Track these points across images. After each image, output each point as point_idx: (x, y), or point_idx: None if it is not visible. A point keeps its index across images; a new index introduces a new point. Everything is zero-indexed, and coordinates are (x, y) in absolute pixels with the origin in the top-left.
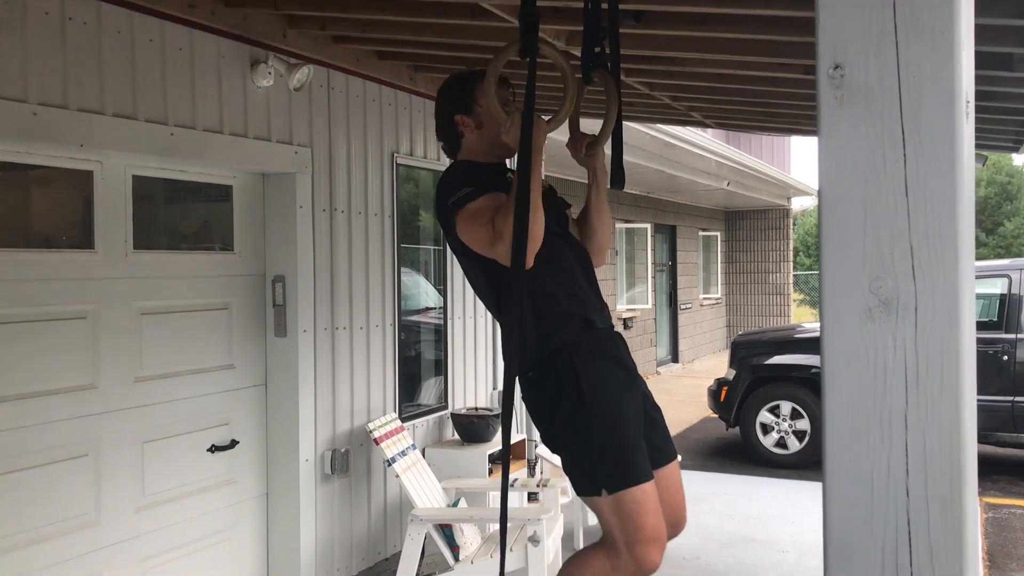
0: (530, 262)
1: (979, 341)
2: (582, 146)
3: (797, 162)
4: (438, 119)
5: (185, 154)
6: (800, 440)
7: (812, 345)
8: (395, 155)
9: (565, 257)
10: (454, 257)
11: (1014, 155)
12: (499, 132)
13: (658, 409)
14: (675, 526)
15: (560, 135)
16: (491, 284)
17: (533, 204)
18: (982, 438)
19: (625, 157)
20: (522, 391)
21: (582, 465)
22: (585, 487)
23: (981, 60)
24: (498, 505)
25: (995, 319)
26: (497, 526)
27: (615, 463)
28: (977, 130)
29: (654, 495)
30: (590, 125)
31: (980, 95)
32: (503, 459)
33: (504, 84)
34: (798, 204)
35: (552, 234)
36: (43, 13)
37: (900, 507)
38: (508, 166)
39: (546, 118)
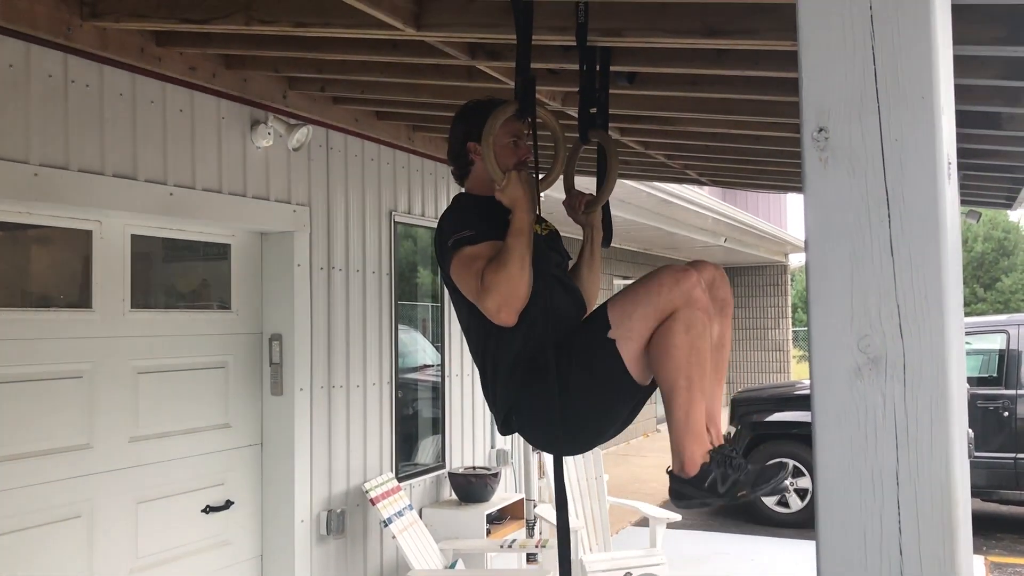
0: (512, 319)
1: (979, 397)
2: (580, 204)
3: (794, 218)
4: (451, 141)
5: (184, 214)
6: (802, 498)
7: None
8: (393, 213)
9: (563, 305)
10: (453, 312)
11: (1009, 211)
12: (508, 164)
13: None
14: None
15: (556, 192)
16: (478, 326)
17: (521, 262)
18: (985, 496)
19: (622, 214)
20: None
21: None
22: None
23: (970, 119)
24: (496, 567)
25: (995, 375)
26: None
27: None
28: (971, 187)
29: None
30: (581, 183)
31: (971, 153)
32: (558, 501)
33: (515, 132)
34: (796, 260)
35: (553, 279)
36: (46, 76)
37: (894, 565)
38: None
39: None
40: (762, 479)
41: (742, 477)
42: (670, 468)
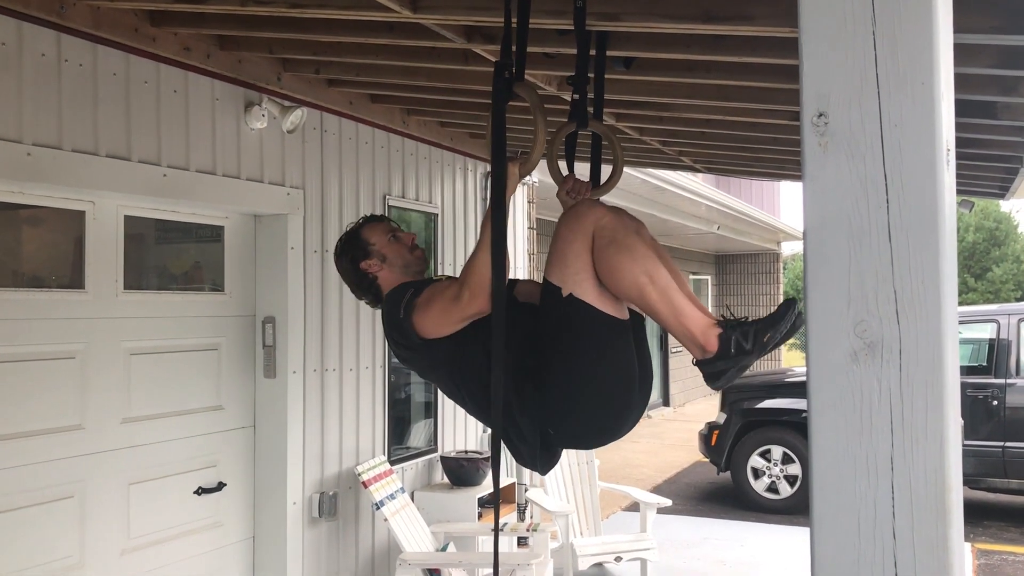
0: (486, 306)
1: (969, 386)
2: (584, 192)
3: (787, 207)
4: (349, 281)
5: (177, 195)
6: (792, 485)
7: (802, 389)
8: (387, 197)
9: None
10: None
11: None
12: (404, 253)
13: None
14: None
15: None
16: (466, 378)
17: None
18: (973, 484)
19: (615, 201)
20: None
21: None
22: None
23: (966, 108)
24: (488, 550)
25: (984, 364)
26: (486, 571)
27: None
28: (964, 177)
29: None
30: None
31: (966, 142)
32: (495, 506)
33: (387, 228)
34: (788, 248)
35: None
36: (39, 55)
37: (887, 549)
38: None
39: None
40: (778, 318)
41: (759, 327)
42: (695, 360)
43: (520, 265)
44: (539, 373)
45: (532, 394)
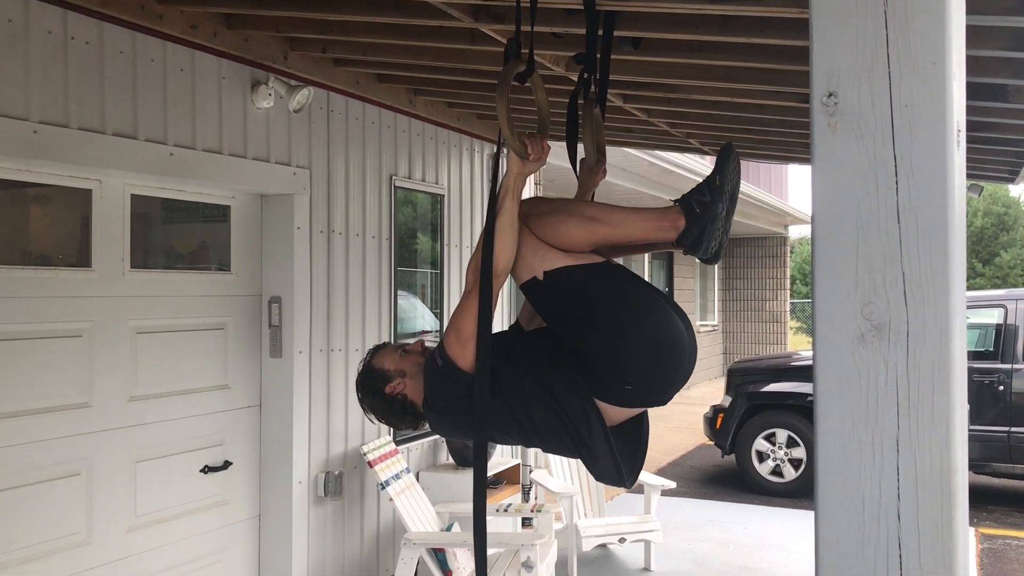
0: (501, 280)
1: (975, 371)
2: (600, 172)
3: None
4: (381, 412)
5: (184, 174)
6: (796, 468)
7: (808, 373)
8: (393, 178)
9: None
10: (451, 279)
11: (1010, 186)
12: (419, 358)
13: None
14: None
15: (564, 161)
16: (527, 411)
17: (509, 222)
18: (978, 468)
19: (623, 183)
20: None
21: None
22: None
23: (976, 91)
24: (491, 531)
25: (991, 349)
26: (492, 551)
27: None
28: (973, 160)
29: None
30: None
31: (976, 126)
32: (476, 486)
33: None
34: (795, 232)
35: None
36: (46, 32)
37: (891, 531)
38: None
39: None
40: (721, 162)
41: (708, 179)
42: (673, 242)
43: None
44: (581, 358)
45: (588, 383)
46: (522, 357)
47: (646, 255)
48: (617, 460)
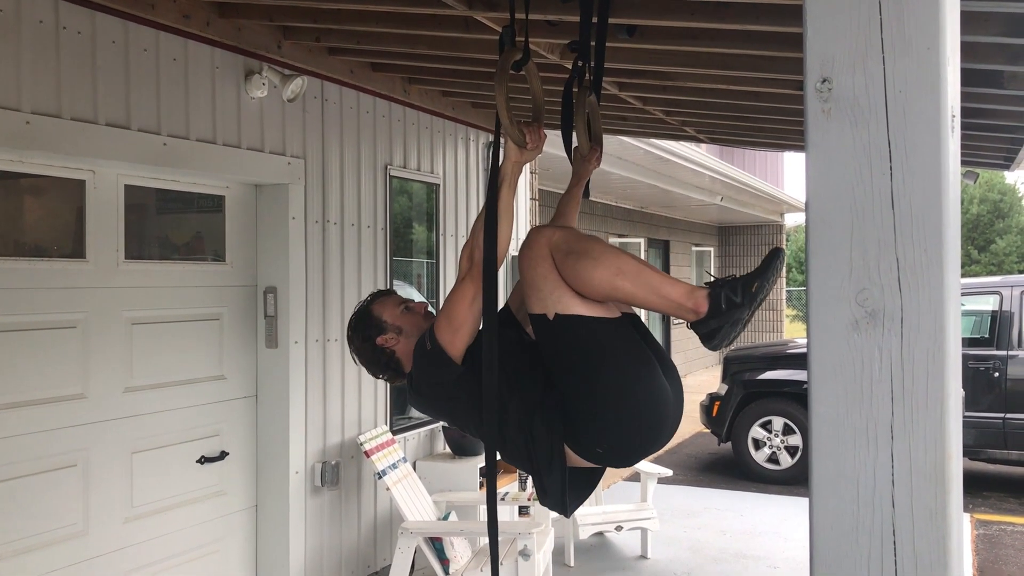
0: (500, 257)
1: (970, 358)
2: (593, 159)
3: (790, 178)
4: (366, 359)
5: (178, 164)
6: (792, 456)
7: (804, 361)
8: (388, 167)
9: (522, 360)
10: (447, 268)
11: (1006, 173)
12: (420, 321)
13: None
14: None
15: (559, 150)
16: (521, 425)
17: (507, 210)
18: (973, 455)
19: (618, 171)
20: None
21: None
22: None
23: (972, 77)
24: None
25: (987, 336)
26: (487, 539)
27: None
28: (969, 147)
29: None
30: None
31: (971, 112)
32: (488, 474)
33: None
34: (791, 220)
35: (517, 346)
36: (37, 22)
37: (885, 517)
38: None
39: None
40: (764, 267)
41: (745, 280)
42: (688, 323)
43: (522, 237)
44: (565, 405)
45: (564, 429)
46: (516, 372)
47: (642, 241)
48: (565, 499)
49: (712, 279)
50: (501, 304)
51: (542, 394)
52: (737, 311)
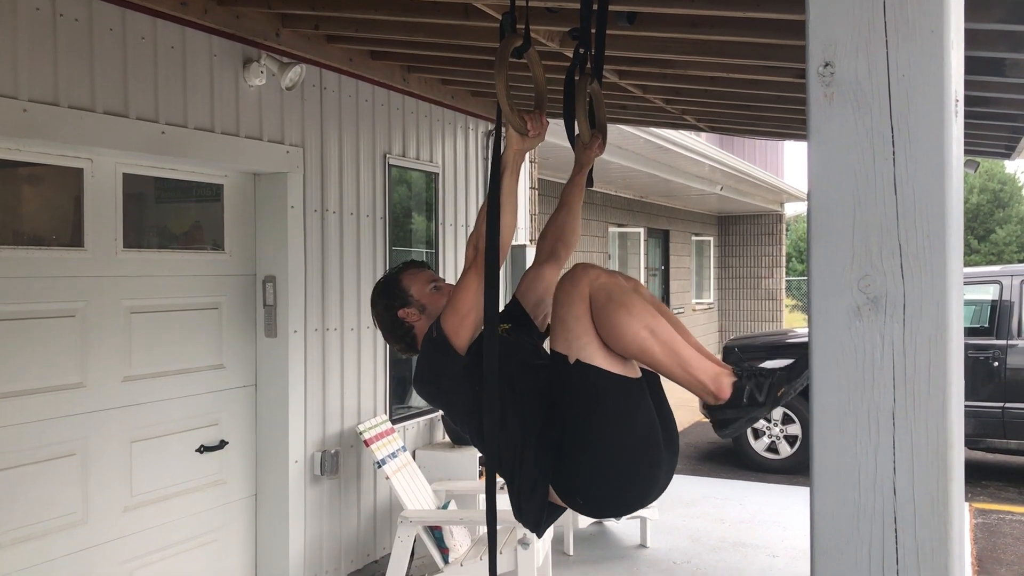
0: (502, 258)
1: (970, 347)
2: (595, 147)
3: (791, 167)
4: (384, 327)
5: (176, 152)
6: (791, 445)
7: (804, 350)
8: (387, 156)
9: (532, 381)
10: (447, 259)
11: (1007, 162)
12: (442, 304)
13: None
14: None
15: (559, 139)
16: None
17: (509, 199)
18: (972, 444)
19: (618, 160)
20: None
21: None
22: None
23: (974, 65)
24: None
25: (986, 325)
26: (486, 528)
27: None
28: (970, 136)
29: None
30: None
31: (973, 100)
32: (487, 464)
33: None
34: (791, 210)
35: (528, 366)
36: (34, 9)
37: (887, 505)
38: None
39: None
40: (795, 373)
41: (775, 380)
42: (705, 406)
43: (522, 226)
44: (561, 445)
45: (552, 467)
46: (524, 393)
47: (642, 231)
48: (540, 525)
49: (739, 364)
50: (509, 297)
51: (543, 426)
52: (756, 410)
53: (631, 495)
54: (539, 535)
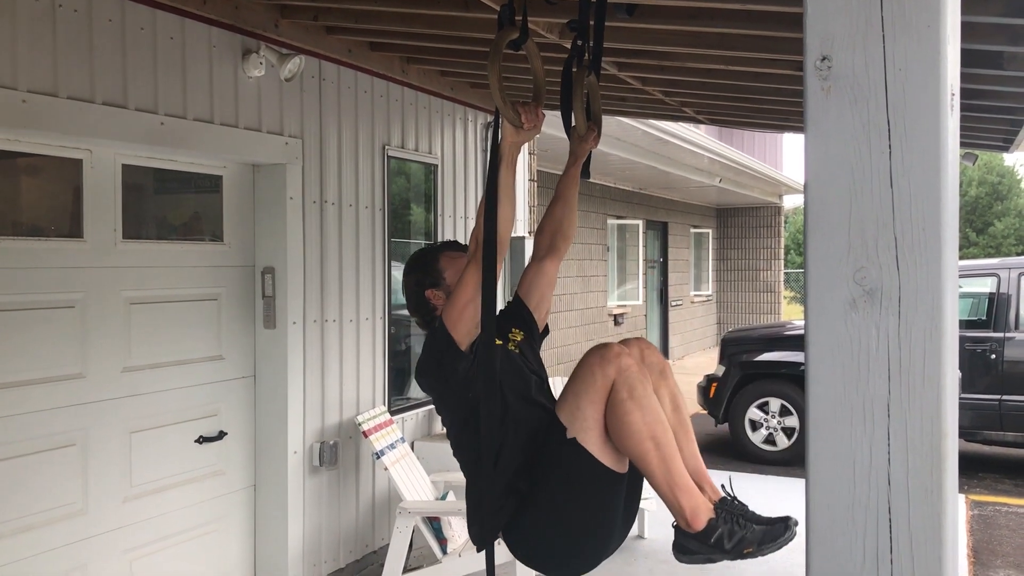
0: (503, 251)
1: (968, 340)
2: (591, 139)
3: (789, 160)
4: (410, 300)
5: (175, 143)
6: (789, 437)
7: (801, 342)
8: (386, 147)
9: (530, 418)
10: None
11: (1005, 155)
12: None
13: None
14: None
15: (557, 131)
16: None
17: (506, 191)
18: (969, 436)
19: (617, 152)
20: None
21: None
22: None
23: (971, 58)
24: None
25: (984, 318)
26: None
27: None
28: (968, 129)
29: None
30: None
31: (970, 93)
32: (485, 456)
33: None
34: (790, 202)
35: (530, 401)
36: (32, 0)
37: (881, 495)
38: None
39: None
40: (769, 537)
41: (748, 535)
42: (675, 523)
43: (521, 218)
44: (527, 499)
45: (515, 510)
46: (518, 424)
47: (641, 223)
48: (491, 549)
49: (726, 501)
50: (510, 294)
51: (519, 467)
52: (718, 554)
53: (575, 563)
54: (478, 550)
